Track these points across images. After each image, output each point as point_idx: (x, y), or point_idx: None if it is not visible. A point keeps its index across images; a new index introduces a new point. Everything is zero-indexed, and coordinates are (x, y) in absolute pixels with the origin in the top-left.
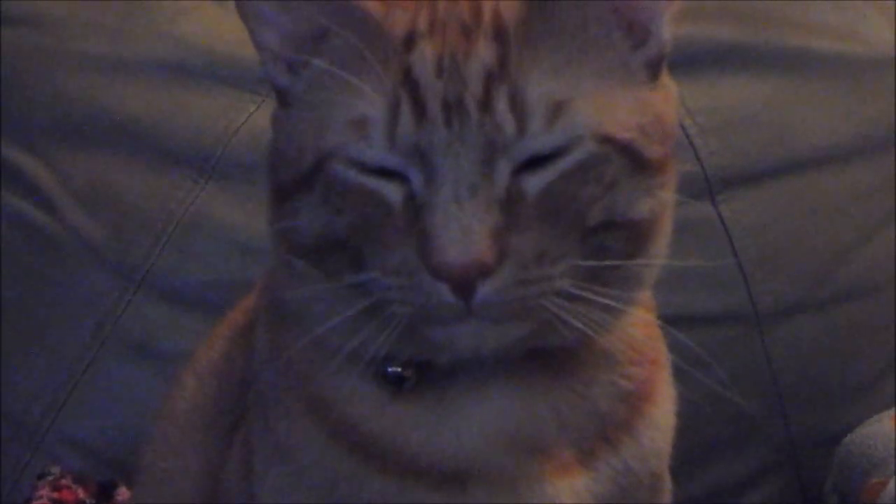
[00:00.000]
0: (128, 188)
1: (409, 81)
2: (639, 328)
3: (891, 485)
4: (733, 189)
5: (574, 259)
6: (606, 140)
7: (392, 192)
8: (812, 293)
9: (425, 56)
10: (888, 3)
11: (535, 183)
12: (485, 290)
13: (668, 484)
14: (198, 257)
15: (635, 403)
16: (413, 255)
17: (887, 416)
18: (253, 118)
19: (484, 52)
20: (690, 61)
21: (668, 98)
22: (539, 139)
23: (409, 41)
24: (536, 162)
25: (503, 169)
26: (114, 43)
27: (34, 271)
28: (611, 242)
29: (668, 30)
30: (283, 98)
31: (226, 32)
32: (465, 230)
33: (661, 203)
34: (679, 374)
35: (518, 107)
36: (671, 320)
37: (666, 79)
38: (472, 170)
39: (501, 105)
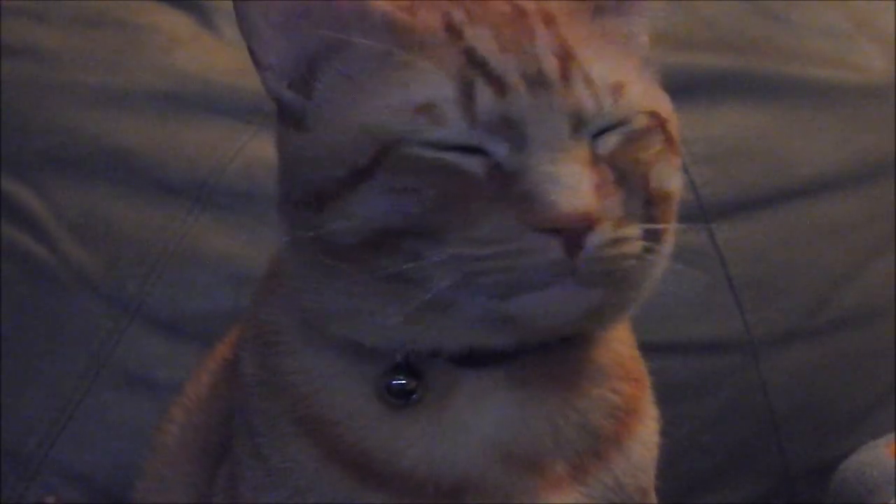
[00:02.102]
0: (122, 219)
1: (476, 60)
2: (624, 346)
3: None
4: (728, 217)
5: (641, 223)
6: (653, 115)
7: (473, 165)
8: (807, 321)
9: (484, 37)
10: (881, 30)
11: (605, 147)
12: (590, 244)
13: (653, 500)
14: (192, 288)
15: (624, 419)
16: (512, 219)
17: (883, 443)
18: (247, 148)
19: (546, 36)
20: (685, 90)
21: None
22: (609, 115)
23: (454, 30)
24: (603, 131)
25: (585, 137)
26: (109, 74)
27: (29, 302)
28: (656, 213)
29: None
30: (290, 113)
31: (220, 63)
32: (571, 184)
33: (680, 185)
34: (675, 403)
35: (590, 85)
36: (667, 348)
37: None
38: (562, 134)
39: (579, 82)
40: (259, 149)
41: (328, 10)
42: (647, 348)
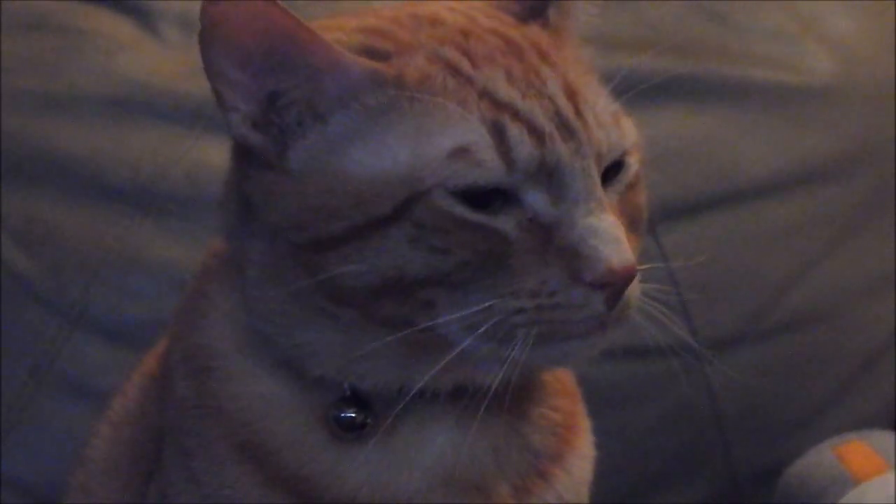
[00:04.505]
0: (65, 225)
1: (500, 104)
2: None
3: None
4: (673, 220)
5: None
6: (640, 147)
7: (504, 221)
8: (753, 324)
9: (497, 79)
10: (827, 32)
11: (614, 191)
12: (627, 296)
13: None
14: (135, 295)
15: (564, 435)
16: (557, 274)
17: (829, 446)
18: (190, 153)
19: (551, 74)
20: (628, 92)
21: None
22: (615, 150)
23: (459, 73)
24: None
25: (609, 184)
26: (50, 79)
27: None
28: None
29: None
30: (259, 153)
31: (163, 68)
32: (615, 238)
33: None
34: (621, 407)
35: (600, 122)
36: (611, 352)
37: None
38: (597, 181)
39: (591, 121)
40: (202, 154)
41: (301, 53)
42: None
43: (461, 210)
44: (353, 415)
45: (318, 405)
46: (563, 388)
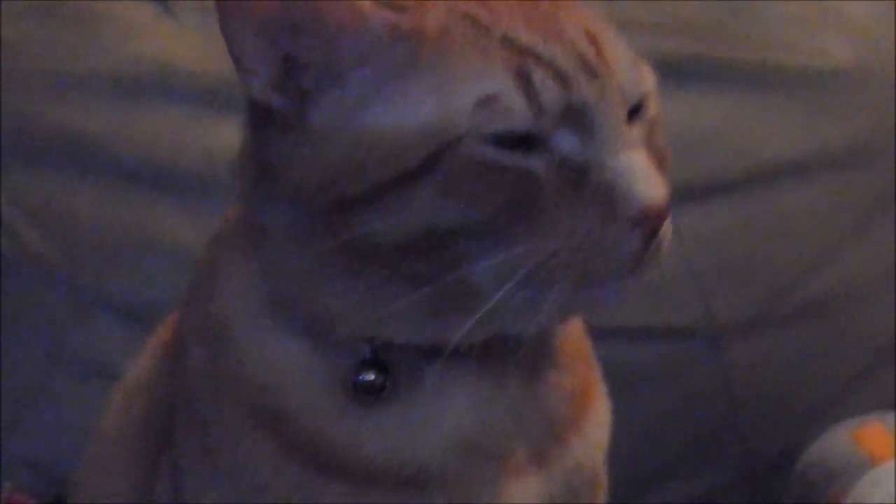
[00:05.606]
0: (81, 206)
1: (523, 50)
2: (574, 326)
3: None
4: (690, 202)
5: None
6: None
7: (535, 164)
8: (770, 309)
9: (517, 27)
10: (845, 17)
11: (638, 132)
12: (661, 234)
13: (605, 480)
14: (151, 275)
15: (580, 401)
16: (592, 214)
17: (846, 428)
18: (207, 134)
19: (568, 17)
20: None
21: None
22: (638, 93)
23: (479, 24)
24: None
25: (634, 122)
26: (67, 61)
27: None
28: None
29: None
30: (279, 116)
31: (179, 49)
32: (648, 175)
33: None
34: (636, 391)
35: (620, 65)
36: (628, 334)
37: None
38: (622, 121)
39: (612, 60)
40: (219, 134)
41: (317, 16)
42: (608, 335)
43: (492, 155)
44: (373, 378)
45: (338, 369)
46: (578, 353)
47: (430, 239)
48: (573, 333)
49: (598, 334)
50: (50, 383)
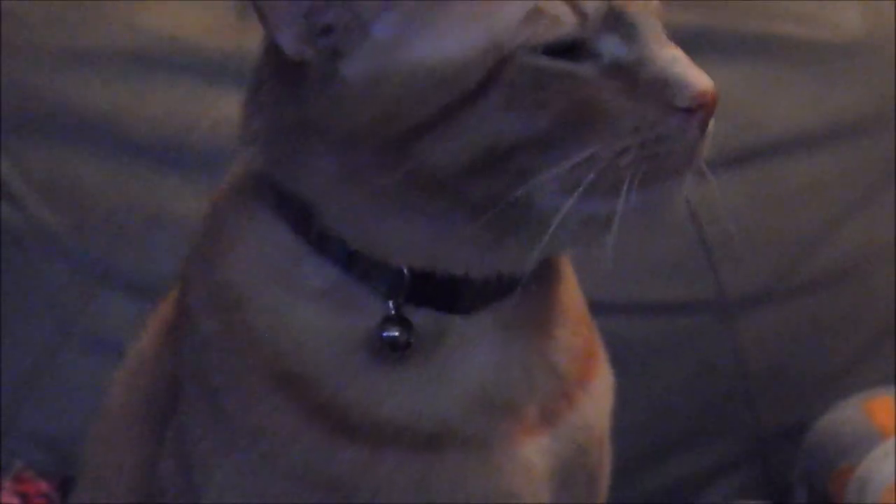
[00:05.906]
0: (89, 181)
1: None
2: (574, 287)
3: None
4: (698, 175)
5: None
6: None
7: (588, 69)
8: (781, 281)
9: None
10: None
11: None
12: (711, 124)
13: (610, 450)
14: (160, 250)
15: (586, 361)
16: (651, 106)
17: (857, 401)
18: (215, 108)
19: None
20: None
21: None
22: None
23: None
24: None
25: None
26: (75, 35)
27: None
28: None
29: None
30: (316, 67)
31: (188, 22)
32: (693, 65)
33: None
34: (647, 365)
35: None
36: (638, 308)
37: None
38: (657, 22)
39: None
40: (226, 109)
41: None
42: (619, 309)
43: (546, 64)
44: (397, 334)
45: (359, 329)
46: (580, 315)
47: (493, 157)
48: (574, 295)
49: (610, 308)
50: (58, 358)
